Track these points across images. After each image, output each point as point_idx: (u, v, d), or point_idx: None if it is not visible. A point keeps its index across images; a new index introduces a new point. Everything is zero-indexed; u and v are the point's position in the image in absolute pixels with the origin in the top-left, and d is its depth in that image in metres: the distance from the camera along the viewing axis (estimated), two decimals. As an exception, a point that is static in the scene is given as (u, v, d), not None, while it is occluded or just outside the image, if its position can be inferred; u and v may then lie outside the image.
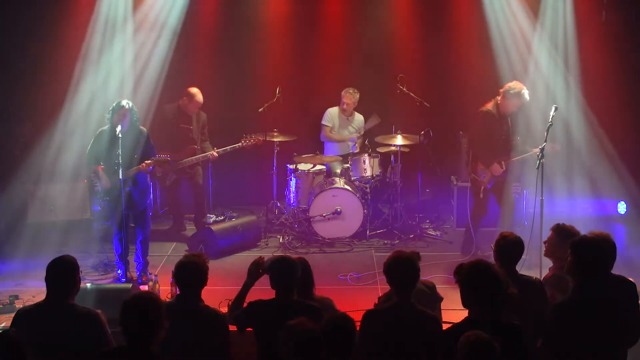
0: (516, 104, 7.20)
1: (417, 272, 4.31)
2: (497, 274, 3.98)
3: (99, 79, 8.56)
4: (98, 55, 8.57)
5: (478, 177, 7.35)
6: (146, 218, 7.11)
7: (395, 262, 4.32)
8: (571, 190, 8.63)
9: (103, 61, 8.60)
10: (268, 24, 9.37)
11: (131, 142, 6.78)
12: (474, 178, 7.43)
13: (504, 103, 7.20)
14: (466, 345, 3.45)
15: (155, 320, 3.70)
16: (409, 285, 4.26)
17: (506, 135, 7.31)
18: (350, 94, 8.89)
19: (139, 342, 3.68)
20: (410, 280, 4.27)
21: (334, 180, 8.47)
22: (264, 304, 4.54)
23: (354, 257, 7.88)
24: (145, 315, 3.68)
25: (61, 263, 4.32)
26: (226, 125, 9.08)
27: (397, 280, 4.29)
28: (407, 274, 4.27)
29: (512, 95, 7.14)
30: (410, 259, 4.34)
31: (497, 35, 8.91)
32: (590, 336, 4.06)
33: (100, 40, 8.58)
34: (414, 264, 4.32)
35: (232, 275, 7.23)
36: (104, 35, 8.60)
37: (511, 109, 7.25)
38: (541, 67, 8.79)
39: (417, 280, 4.31)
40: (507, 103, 7.19)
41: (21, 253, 7.45)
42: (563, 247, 4.80)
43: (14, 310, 5.10)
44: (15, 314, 4.38)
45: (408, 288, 4.26)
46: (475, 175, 7.38)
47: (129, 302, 3.74)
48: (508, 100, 7.17)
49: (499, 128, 7.26)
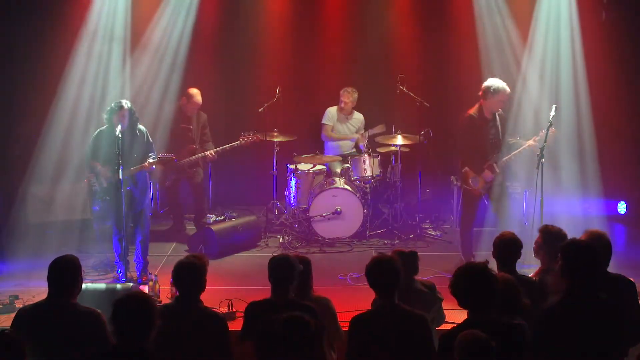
0: (501, 99, 7.02)
1: (396, 274, 4.25)
2: (492, 276, 3.96)
3: (99, 79, 8.56)
4: (98, 56, 8.57)
5: (470, 186, 7.15)
6: (145, 218, 7.11)
7: (373, 266, 4.30)
8: (572, 190, 8.63)
9: (103, 61, 8.60)
10: (268, 25, 9.37)
11: (130, 141, 6.80)
12: (465, 189, 7.26)
13: (487, 104, 7.02)
14: (463, 344, 3.46)
15: (146, 318, 3.69)
16: (390, 287, 4.23)
17: (494, 138, 7.12)
18: (349, 93, 8.90)
19: (130, 340, 3.67)
20: (390, 282, 4.23)
21: (334, 180, 8.47)
22: (260, 303, 4.54)
23: (354, 257, 7.88)
24: (136, 314, 3.67)
25: (64, 262, 4.33)
26: (226, 126, 9.09)
27: (377, 284, 4.28)
28: (385, 276, 4.23)
29: (493, 93, 6.95)
30: (389, 260, 4.31)
31: (495, 35, 8.91)
32: (583, 337, 4.04)
33: (100, 41, 8.58)
34: (392, 265, 4.27)
35: (232, 275, 7.26)
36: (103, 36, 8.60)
37: (497, 107, 7.07)
38: (541, 66, 8.79)
39: (398, 282, 4.25)
40: (490, 103, 7.00)
41: (21, 253, 7.45)
42: (548, 249, 4.81)
43: (14, 310, 5.10)
44: (16, 313, 4.39)
45: (389, 290, 4.23)
46: (467, 186, 7.19)
47: (120, 301, 3.73)
48: (491, 99, 6.98)
49: (485, 132, 7.08)
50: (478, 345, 3.43)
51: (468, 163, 7.16)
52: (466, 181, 7.18)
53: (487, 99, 7.01)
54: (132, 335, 3.67)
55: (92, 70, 8.52)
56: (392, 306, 4.21)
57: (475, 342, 3.44)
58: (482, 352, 3.43)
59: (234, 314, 6.01)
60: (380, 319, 4.20)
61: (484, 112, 7.07)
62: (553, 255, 4.52)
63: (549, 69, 8.82)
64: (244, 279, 7.14)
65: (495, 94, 6.97)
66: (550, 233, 4.95)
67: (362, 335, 4.17)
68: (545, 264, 4.89)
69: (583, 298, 4.11)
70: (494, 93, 6.97)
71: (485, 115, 7.08)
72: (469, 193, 7.22)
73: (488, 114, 7.09)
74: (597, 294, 4.14)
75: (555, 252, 4.42)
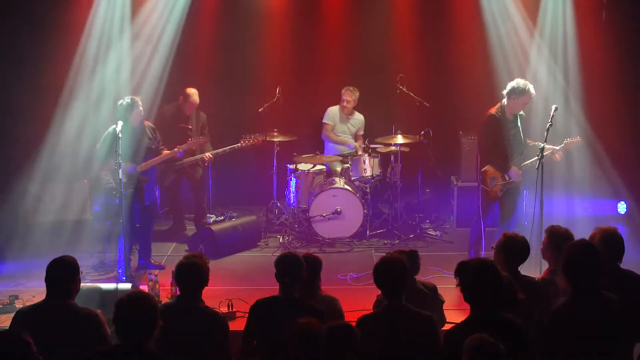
0: (524, 101, 6.89)
1: (405, 274, 4.27)
2: (500, 273, 3.98)
3: (99, 78, 8.56)
4: (97, 56, 8.57)
5: (488, 187, 7.01)
6: (152, 214, 7.18)
7: (382, 265, 4.30)
8: (571, 190, 8.63)
9: (103, 62, 8.60)
10: (268, 24, 9.35)
11: (143, 137, 7.04)
12: (483, 189, 7.08)
13: (511, 104, 6.88)
14: (472, 348, 3.42)
15: (148, 319, 3.69)
16: (399, 287, 4.23)
17: (516, 139, 6.97)
18: (351, 92, 8.89)
19: (132, 340, 3.66)
20: (399, 282, 4.23)
21: (334, 180, 8.47)
22: (266, 300, 4.55)
23: (353, 257, 7.88)
24: (138, 314, 3.67)
25: (61, 263, 4.33)
26: (226, 125, 9.08)
27: (385, 283, 4.28)
28: (394, 276, 4.23)
29: (519, 94, 6.81)
30: (398, 261, 4.31)
31: (495, 35, 8.91)
32: (590, 337, 4.04)
33: (99, 41, 8.58)
34: (401, 265, 4.27)
35: (232, 275, 7.26)
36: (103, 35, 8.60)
37: (519, 108, 6.95)
38: (540, 66, 8.79)
39: (406, 282, 4.26)
40: (514, 103, 6.86)
41: (21, 253, 7.44)
42: (555, 249, 4.81)
43: (14, 310, 5.09)
44: (15, 314, 4.38)
45: (397, 290, 4.23)
46: (485, 186, 7.03)
47: (122, 301, 3.72)
48: (515, 100, 6.84)
49: (507, 132, 6.94)
50: (487, 350, 3.39)
51: (490, 162, 6.99)
52: (485, 181, 7.04)
53: (512, 99, 6.87)
54: (134, 335, 3.67)
55: (91, 71, 8.52)
56: (400, 306, 4.22)
57: (485, 347, 3.40)
58: (493, 356, 3.39)
59: (234, 314, 6.01)
60: (388, 319, 4.20)
61: (506, 112, 6.93)
62: (560, 255, 4.51)
63: (550, 69, 8.82)
64: (244, 279, 7.14)
65: (521, 95, 6.83)
66: (556, 233, 4.94)
67: (370, 336, 4.17)
68: (554, 264, 4.87)
69: (588, 299, 4.11)
70: (520, 94, 6.83)
71: (506, 116, 6.94)
72: (486, 193, 7.06)
73: (509, 115, 6.95)
74: (603, 294, 4.14)
75: (562, 252, 4.41)
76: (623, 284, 4.47)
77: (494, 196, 7.04)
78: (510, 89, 6.89)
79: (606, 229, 4.76)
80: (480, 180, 7.14)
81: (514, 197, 7.09)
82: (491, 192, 7.02)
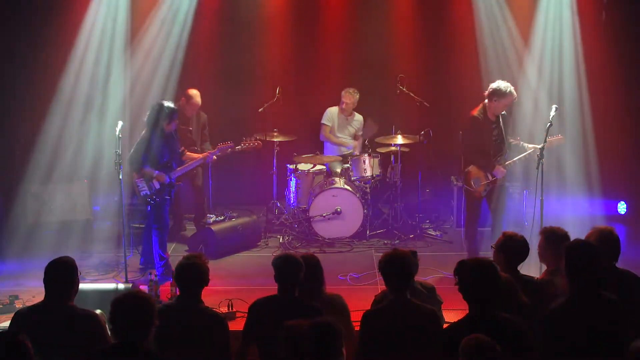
0: (506, 103, 6.99)
1: (412, 268, 4.33)
2: (498, 272, 3.98)
3: (99, 79, 8.56)
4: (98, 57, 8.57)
5: (471, 187, 7.10)
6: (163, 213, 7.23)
7: (389, 259, 4.32)
8: (571, 190, 8.63)
9: (103, 62, 8.60)
10: (268, 24, 9.35)
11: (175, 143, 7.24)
12: (467, 190, 7.22)
13: (492, 105, 6.97)
14: (468, 348, 3.41)
15: (145, 317, 3.69)
16: (405, 281, 4.27)
17: (498, 139, 7.09)
18: (350, 94, 8.89)
19: (129, 339, 3.66)
20: (406, 277, 4.29)
21: (334, 180, 8.46)
22: (265, 300, 4.55)
23: (353, 257, 7.88)
24: (134, 312, 3.67)
25: (60, 264, 4.31)
26: (226, 126, 9.08)
27: (392, 278, 4.30)
28: (401, 271, 4.27)
29: (500, 96, 6.90)
30: (404, 255, 4.34)
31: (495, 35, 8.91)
32: (588, 337, 4.04)
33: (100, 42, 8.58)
34: (408, 260, 4.32)
35: (232, 275, 7.26)
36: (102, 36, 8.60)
37: (501, 109, 7.03)
38: (541, 66, 8.79)
39: (412, 276, 4.31)
40: (496, 105, 6.95)
41: (21, 253, 7.46)
42: (552, 250, 4.80)
43: (14, 310, 5.09)
44: (14, 315, 4.37)
45: (403, 285, 4.27)
46: (468, 187, 7.14)
47: (118, 300, 3.72)
48: (497, 102, 6.93)
49: (489, 133, 7.05)
50: (484, 350, 3.38)
51: (473, 162, 7.12)
52: (468, 182, 7.16)
53: (493, 101, 6.96)
54: (131, 334, 3.66)
55: (90, 71, 8.52)
56: (405, 301, 4.24)
57: (481, 347, 3.39)
58: (489, 356, 3.39)
59: (234, 314, 6.00)
60: (393, 314, 4.21)
61: (488, 113, 7.03)
62: (559, 256, 4.51)
63: (549, 69, 8.83)
64: (244, 279, 7.14)
65: (502, 97, 6.92)
66: (553, 234, 4.94)
67: (374, 331, 4.17)
68: (553, 265, 4.87)
69: (587, 298, 4.11)
70: (501, 96, 6.92)
71: (488, 116, 7.04)
72: (470, 194, 7.19)
73: (491, 115, 7.05)
74: (602, 294, 4.14)
75: (560, 252, 4.41)
76: (620, 283, 4.47)
77: (477, 196, 7.14)
78: (492, 91, 6.97)
79: (602, 229, 4.78)
80: (463, 180, 7.25)
81: (500, 195, 7.16)
82: (475, 193, 7.11)
